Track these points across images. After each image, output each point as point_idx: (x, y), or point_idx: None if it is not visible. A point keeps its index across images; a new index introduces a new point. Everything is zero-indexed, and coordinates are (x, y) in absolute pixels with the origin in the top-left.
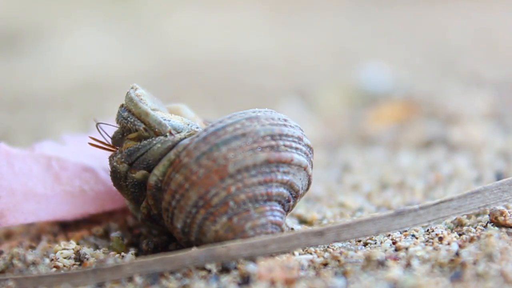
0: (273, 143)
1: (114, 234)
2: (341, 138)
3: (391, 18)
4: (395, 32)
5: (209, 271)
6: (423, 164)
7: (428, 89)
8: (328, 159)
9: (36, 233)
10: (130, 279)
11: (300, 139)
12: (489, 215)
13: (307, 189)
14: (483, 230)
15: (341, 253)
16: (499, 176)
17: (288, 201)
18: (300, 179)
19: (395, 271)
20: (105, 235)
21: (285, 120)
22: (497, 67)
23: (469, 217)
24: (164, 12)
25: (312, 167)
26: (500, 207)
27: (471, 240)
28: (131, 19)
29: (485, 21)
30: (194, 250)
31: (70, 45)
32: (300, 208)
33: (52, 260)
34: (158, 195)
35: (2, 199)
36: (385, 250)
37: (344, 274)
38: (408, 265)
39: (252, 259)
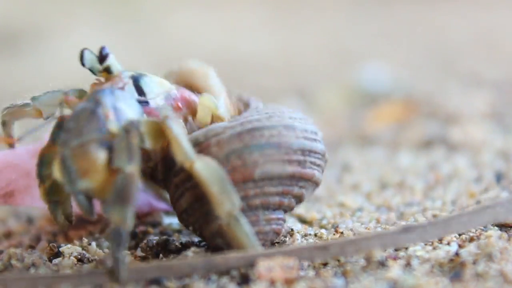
0: (301, 158)
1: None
2: (341, 138)
3: (391, 18)
4: (395, 32)
5: None
6: (423, 164)
7: (428, 89)
8: (328, 159)
9: (36, 233)
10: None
11: (323, 155)
12: None
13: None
14: (483, 230)
15: None
16: (499, 176)
17: (292, 208)
18: (310, 192)
19: (395, 271)
20: None
21: (316, 134)
22: (497, 67)
23: None
24: (164, 12)
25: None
26: None
27: (471, 240)
28: (131, 19)
29: (485, 21)
30: (192, 258)
31: (70, 45)
32: (300, 208)
33: (51, 260)
34: (171, 166)
35: (16, 180)
36: (385, 250)
37: (344, 274)
38: (407, 265)
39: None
